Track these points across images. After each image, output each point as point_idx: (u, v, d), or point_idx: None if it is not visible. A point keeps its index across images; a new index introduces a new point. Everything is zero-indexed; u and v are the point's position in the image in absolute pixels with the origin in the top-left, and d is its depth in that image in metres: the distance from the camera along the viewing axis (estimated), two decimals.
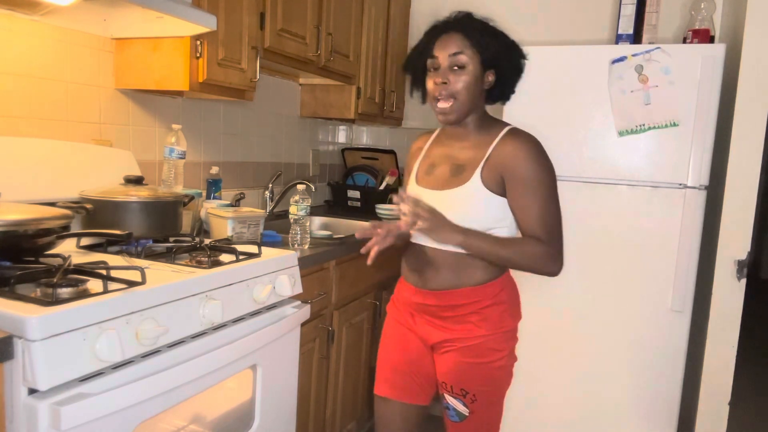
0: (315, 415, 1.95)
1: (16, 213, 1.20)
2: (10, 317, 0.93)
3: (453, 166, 1.42)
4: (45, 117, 1.62)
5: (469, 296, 1.40)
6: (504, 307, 1.43)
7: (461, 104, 1.36)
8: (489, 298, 1.40)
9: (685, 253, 2.07)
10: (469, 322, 1.41)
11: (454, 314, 1.42)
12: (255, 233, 1.79)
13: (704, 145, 2.03)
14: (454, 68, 1.34)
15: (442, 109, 1.37)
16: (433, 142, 1.55)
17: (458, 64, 1.34)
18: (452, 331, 1.43)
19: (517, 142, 1.37)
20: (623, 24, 2.30)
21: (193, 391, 1.23)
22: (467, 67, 1.34)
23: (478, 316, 1.40)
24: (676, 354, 2.12)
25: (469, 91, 1.35)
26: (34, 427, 0.92)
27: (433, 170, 1.46)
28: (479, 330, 1.40)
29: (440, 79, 1.34)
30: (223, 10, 1.74)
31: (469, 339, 1.41)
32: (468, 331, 1.41)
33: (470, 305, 1.40)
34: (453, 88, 1.34)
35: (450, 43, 1.35)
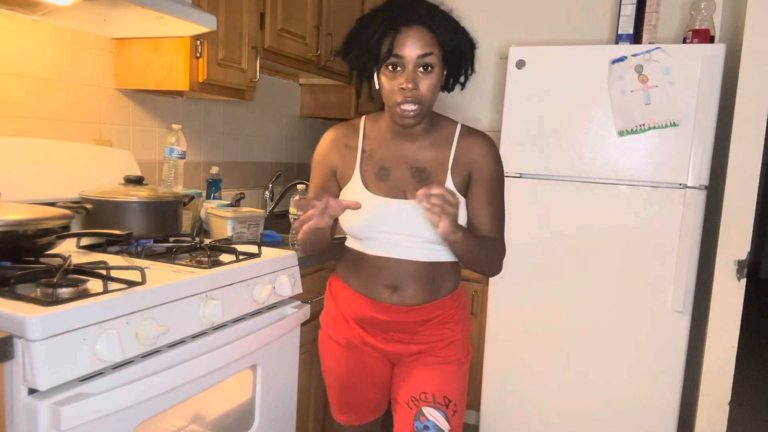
0: (315, 415, 1.95)
1: (16, 213, 1.20)
2: (10, 317, 0.93)
3: (413, 170, 1.28)
4: (45, 117, 1.62)
5: (445, 306, 1.34)
6: (466, 310, 1.41)
7: (426, 108, 1.22)
8: (458, 305, 1.37)
9: (685, 253, 2.07)
10: (445, 328, 1.34)
11: (429, 326, 1.33)
12: (255, 233, 1.79)
13: (704, 145, 2.03)
14: (421, 70, 1.18)
15: (406, 113, 1.20)
16: (369, 139, 1.34)
17: (427, 64, 1.18)
18: (427, 340, 1.34)
19: (481, 141, 1.30)
20: (623, 24, 2.30)
21: (193, 391, 1.23)
22: (435, 68, 1.19)
23: (452, 321, 1.35)
24: (676, 354, 2.12)
25: (435, 93, 1.22)
26: (34, 427, 0.92)
27: (388, 176, 1.29)
28: (455, 334, 1.35)
29: (409, 84, 1.17)
30: (223, 10, 1.74)
31: (447, 344, 1.34)
32: (444, 336, 1.34)
33: (445, 313, 1.34)
34: (421, 93, 1.19)
35: (417, 41, 1.16)
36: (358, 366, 1.40)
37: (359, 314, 1.35)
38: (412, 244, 1.28)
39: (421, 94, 1.19)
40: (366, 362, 1.39)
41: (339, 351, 1.41)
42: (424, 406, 1.28)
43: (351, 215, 1.28)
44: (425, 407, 1.28)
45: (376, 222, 1.28)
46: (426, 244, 1.28)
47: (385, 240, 1.29)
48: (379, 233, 1.29)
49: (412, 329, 1.33)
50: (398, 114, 1.21)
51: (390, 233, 1.28)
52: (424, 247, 1.29)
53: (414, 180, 1.28)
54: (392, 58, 1.18)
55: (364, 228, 1.29)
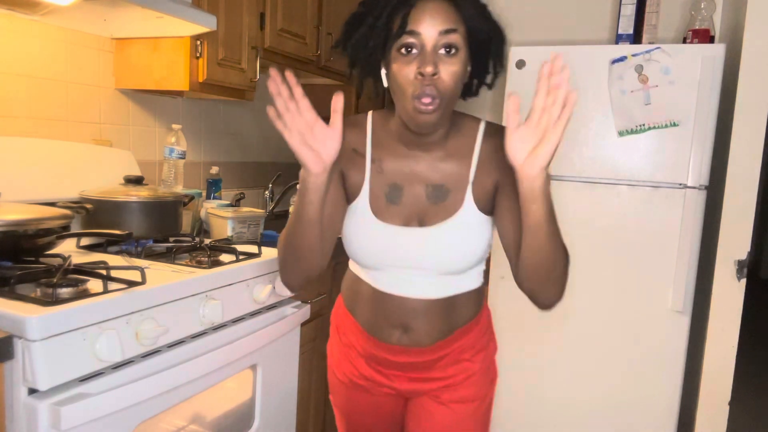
0: (315, 415, 1.95)
1: (16, 213, 1.20)
2: (10, 317, 0.93)
3: (429, 188, 1.05)
4: (45, 117, 1.62)
5: (461, 338, 1.13)
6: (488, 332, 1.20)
7: (447, 104, 0.95)
8: (480, 329, 1.17)
9: (685, 253, 2.07)
10: (463, 360, 1.14)
11: (444, 363, 1.14)
12: (255, 233, 1.79)
13: (704, 145, 2.03)
14: (443, 52, 0.92)
15: (424, 108, 0.92)
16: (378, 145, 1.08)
17: (451, 45, 0.92)
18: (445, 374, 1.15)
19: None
20: (623, 24, 2.30)
21: (193, 391, 1.23)
22: (460, 51, 0.93)
23: (473, 349, 1.15)
24: (676, 354, 2.12)
25: (458, 85, 0.95)
26: (34, 427, 0.92)
27: (400, 195, 1.05)
28: (474, 365, 1.15)
29: (428, 66, 0.89)
30: (223, 10, 1.74)
31: (466, 379, 1.14)
32: (463, 369, 1.14)
33: (465, 343, 1.14)
34: (442, 82, 0.92)
35: (438, 14, 0.91)
36: (367, 404, 1.22)
37: (368, 351, 1.16)
38: (426, 279, 1.07)
39: (442, 82, 0.91)
40: (376, 400, 1.21)
41: (344, 390, 1.23)
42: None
43: (355, 242, 1.08)
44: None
45: (384, 254, 1.07)
46: (441, 277, 1.08)
47: (394, 274, 1.08)
48: (388, 266, 1.08)
49: (427, 366, 1.15)
50: (413, 110, 0.94)
51: (400, 267, 1.07)
52: (440, 282, 1.08)
53: (429, 202, 1.05)
54: (406, 37, 0.91)
55: (370, 259, 1.09)
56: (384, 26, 0.93)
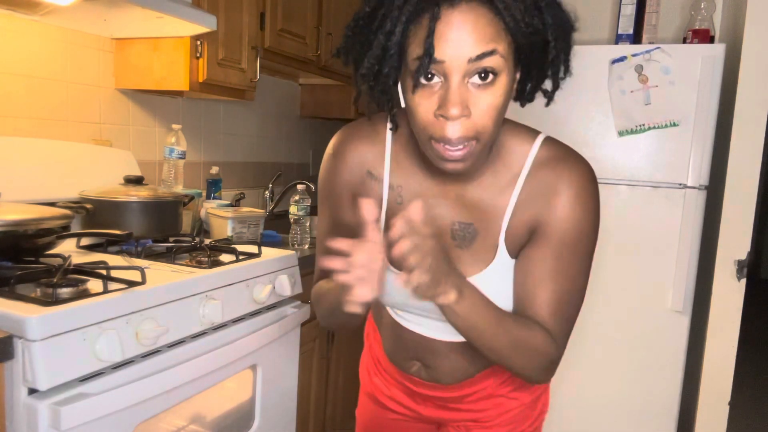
0: (315, 415, 1.95)
1: (16, 213, 1.20)
2: (10, 317, 0.93)
3: (455, 226, 0.85)
4: (45, 117, 1.62)
5: (494, 374, 0.98)
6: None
7: (484, 145, 0.73)
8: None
9: (685, 253, 2.07)
10: (500, 395, 1.00)
11: (477, 397, 1.00)
12: (255, 233, 1.79)
13: (704, 145, 2.03)
14: (477, 81, 0.70)
15: (451, 155, 0.72)
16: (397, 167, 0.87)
17: (486, 71, 0.69)
18: (479, 410, 1.01)
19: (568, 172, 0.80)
20: (623, 24, 2.30)
21: (193, 391, 1.23)
22: (501, 75, 0.70)
23: (511, 386, 1.00)
24: (676, 354, 2.12)
25: (500, 118, 0.73)
26: (34, 427, 0.92)
27: None
28: (512, 402, 1.01)
29: (455, 107, 0.68)
30: (223, 10, 1.74)
31: (502, 414, 1.01)
32: (497, 405, 1.00)
33: (495, 381, 0.99)
34: (476, 123, 0.70)
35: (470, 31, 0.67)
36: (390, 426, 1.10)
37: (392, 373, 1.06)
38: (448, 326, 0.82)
39: (474, 123, 0.70)
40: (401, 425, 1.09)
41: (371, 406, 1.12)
42: None
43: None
44: None
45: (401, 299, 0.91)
46: None
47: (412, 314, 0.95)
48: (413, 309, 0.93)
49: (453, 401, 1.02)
50: (437, 157, 0.74)
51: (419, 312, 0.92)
52: None
53: (454, 243, 0.85)
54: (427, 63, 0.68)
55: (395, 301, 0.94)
56: (397, 46, 0.71)
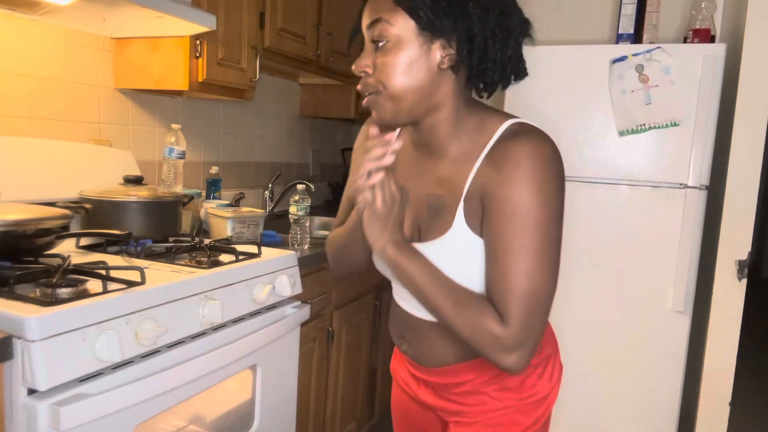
0: (315, 415, 1.95)
1: (15, 213, 1.20)
2: (9, 317, 0.93)
3: (431, 198, 0.94)
4: (45, 117, 1.62)
5: (478, 369, 0.99)
6: (529, 370, 1.01)
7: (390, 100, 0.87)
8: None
9: (686, 253, 2.07)
10: (483, 393, 1.01)
11: (462, 390, 1.02)
12: (255, 233, 1.79)
13: (705, 145, 2.03)
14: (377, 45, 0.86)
15: (366, 106, 0.90)
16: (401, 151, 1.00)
17: (376, 38, 0.86)
18: (463, 404, 1.04)
19: (512, 144, 0.85)
20: (624, 23, 2.30)
21: (192, 392, 1.23)
22: (391, 42, 0.85)
23: (496, 385, 1.00)
24: (676, 354, 2.12)
25: (397, 75, 0.85)
26: (34, 427, 0.92)
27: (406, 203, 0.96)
28: (496, 402, 1.01)
29: (354, 65, 0.88)
30: (222, 9, 1.73)
31: (485, 413, 1.01)
32: (481, 403, 1.02)
33: (481, 378, 1.00)
34: (373, 79, 0.87)
35: (369, 6, 0.87)
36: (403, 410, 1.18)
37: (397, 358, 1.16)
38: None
39: (375, 77, 0.86)
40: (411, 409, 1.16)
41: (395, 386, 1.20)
42: None
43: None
44: None
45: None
46: None
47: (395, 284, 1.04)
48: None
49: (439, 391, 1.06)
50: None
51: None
52: None
53: (428, 213, 0.94)
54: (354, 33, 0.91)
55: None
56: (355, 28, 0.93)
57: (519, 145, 0.85)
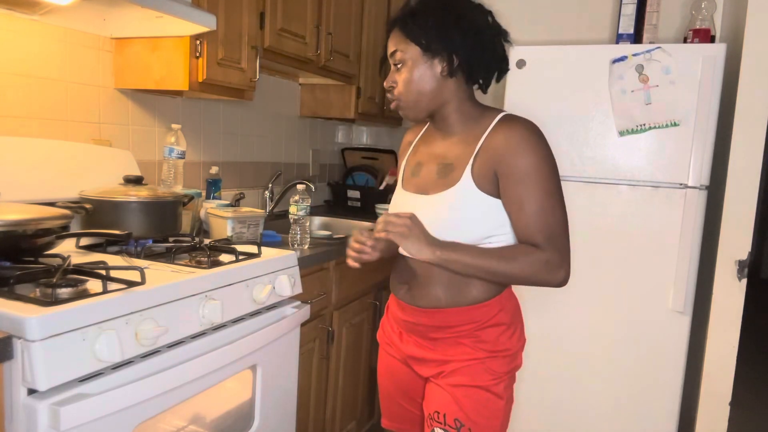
0: (315, 415, 1.95)
1: (15, 213, 1.20)
2: (9, 317, 0.93)
3: (440, 166, 1.26)
4: (45, 117, 1.62)
5: (462, 317, 1.24)
6: (502, 328, 1.25)
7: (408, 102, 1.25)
8: (486, 319, 1.24)
9: (686, 253, 2.07)
10: (462, 344, 1.25)
11: (444, 336, 1.26)
12: (255, 233, 1.79)
13: (705, 145, 2.03)
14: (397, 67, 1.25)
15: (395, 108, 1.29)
16: (422, 137, 1.39)
17: (397, 62, 1.25)
18: (443, 353, 1.27)
19: (509, 129, 1.18)
20: (624, 23, 2.30)
21: (192, 392, 1.23)
22: (406, 64, 1.22)
23: (473, 338, 1.24)
24: (676, 354, 2.12)
25: (413, 87, 1.22)
26: (34, 427, 0.92)
27: (419, 171, 1.31)
28: (475, 352, 1.24)
29: (386, 82, 1.28)
30: (223, 9, 1.73)
31: (463, 361, 1.24)
32: (462, 353, 1.25)
33: (464, 326, 1.24)
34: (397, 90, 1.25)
35: (390, 41, 1.26)
36: (386, 366, 1.42)
37: (391, 309, 1.39)
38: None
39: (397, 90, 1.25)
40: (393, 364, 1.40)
41: (380, 352, 1.45)
42: (436, 426, 1.25)
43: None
44: (437, 428, 1.24)
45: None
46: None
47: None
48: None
49: (425, 334, 1.29)
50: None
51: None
52: None
53: (437, 176, 1.25)
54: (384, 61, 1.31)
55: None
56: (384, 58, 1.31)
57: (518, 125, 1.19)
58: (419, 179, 1.29)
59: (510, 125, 1.19)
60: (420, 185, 1.28)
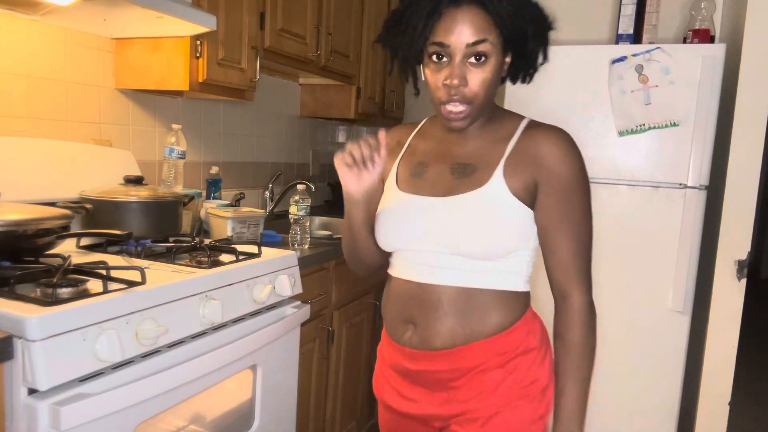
0: (315, 415, 1.95)
1: (16, 213, 1.20)
2: (10, 317, 0.93)
3: (455, 165, 1.05)
4: (45, 117, 1.62)
5: (488, 351, 1.00)
6: (533, 355, 1.03)
7: (478, 109, 0.98)
8: (513, 347, 1.02)
9: (685, 253, 2.07)
10: (487, 386, 1.01)
11: (467, 381, 1.01)
12: (255, 233, 1.79)
13: (704, 145, 2.03)
14: (472, 61, 0.94)
15: (453, 116, 0.98)
16: (418, 135, 1.15)
17: (479, 54, 0.94)
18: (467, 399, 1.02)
19: (551, 133, 1.01)
20: (623, 24, 2.30)
21: (192, 391, 1.23)
22: (490, 58, 0.95)
23: (503, 370, 1.01)
24: (676, 354, 2.12)
25: (490, 89, 0.98)
26: (34, 427, 0.92)
27: (424, 171, 1.07)
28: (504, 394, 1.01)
29: (455, 79, 0.94)
30: (223, 9, 1.74)
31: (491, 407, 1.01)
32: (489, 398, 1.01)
33: (488, 362, 1.00)
34: (470, 91, 0.96)
35: (467, 25, 0.93)
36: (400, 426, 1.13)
37: (392, 359, 1.10)
38: (439, 261, 1.01)
39: (470, 91, 0.95)
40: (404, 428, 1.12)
41: (382, 410, 1.17)
42: None
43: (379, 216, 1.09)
44: None
45: (397, 223, 1.06)
46: (458, 259, 1.00)
47: (407, 254, 1.05)
48: (405, 240, 1.05)
49: (445, 384, 1.03)
50: (443, 116, 0.99)
51: (416, 240, 1.03)
52: (456, 265, 1.00)
53: (453, 176, 1.04)
54: (435, 47, 0.95)
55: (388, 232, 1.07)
56: (420, 35, 0.95)
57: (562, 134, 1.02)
58: (425, 181, 1.06)
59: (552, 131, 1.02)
60: (428, 187, 1.05)
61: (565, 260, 1.04)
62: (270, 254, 1.54)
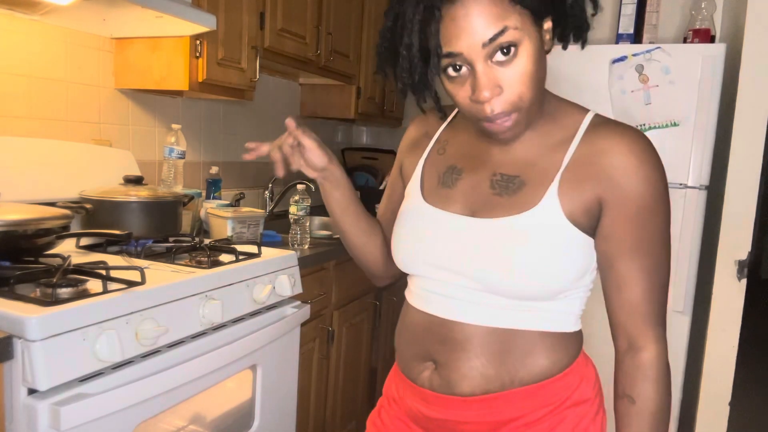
0: (315, 415, 1.95)
1: (16, 213, 1.20)
2: (9, 317, 0.93)
3: (497, 176, 0.82)
4: (45, 117, 1.62)
5: (529, 401, 0.80)
6: (586, 407, 0.86)
7: (528, 109, 0.76)
8: (564, 399, 0.83)
9: (686, 253, 2.07)
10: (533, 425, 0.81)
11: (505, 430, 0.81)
12: (255, 233, 1.79)
13: (705, 145, 2.03)
14: (500, 58, 0.72)
15: (501, 129, 0.76)
16: (450, 127, 0.92)
17: (505, 47, 0.71)
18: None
19: (626, 139, 0.77)
20: (624, 23, 2.30)
21: (192, 391, 1.23)
22: (521, 44, 0.72)
23: (547, 425, 0.81)
24: (676, 354, 2.12)
25: (535, 80, 0.75)
26: (34, 427, 0.92)
27: (457, 180, 0.85)
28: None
29: (484, 91, 0.72)
30: (222, 9, 1.74)
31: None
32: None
33: (532, 414, 0.81)
34: (512, 94, 0.73)
35: (475, 18, 0.70)
36: None
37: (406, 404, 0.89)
38: (469, 296, 0.80)
39: (511, 95, 0.73)
40: None
41: None
42: None
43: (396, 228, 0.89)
44: None
45: (418, 243, 0.85)
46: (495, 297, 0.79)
47: (430, 281, 0.84)
48: (425, 266, 0.84)
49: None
50: (486, 131, 0.78)
51: (440, 268, 0.82)
52: (492, 303, 0.79)
53: (493, 191, 0.82)
54: (445, 59, 0.73)
55: (406, 252, 0.86)
56: (419, 53, 0.74)
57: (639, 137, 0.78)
58: (455, 192, 0.84)
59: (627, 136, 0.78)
60: (460, 202, 0.83)
61: (636, 301, 0.82)
62: (270, 254, 1.54)
